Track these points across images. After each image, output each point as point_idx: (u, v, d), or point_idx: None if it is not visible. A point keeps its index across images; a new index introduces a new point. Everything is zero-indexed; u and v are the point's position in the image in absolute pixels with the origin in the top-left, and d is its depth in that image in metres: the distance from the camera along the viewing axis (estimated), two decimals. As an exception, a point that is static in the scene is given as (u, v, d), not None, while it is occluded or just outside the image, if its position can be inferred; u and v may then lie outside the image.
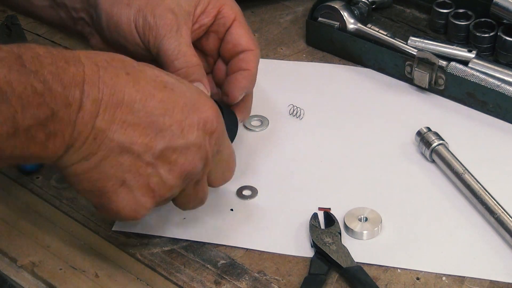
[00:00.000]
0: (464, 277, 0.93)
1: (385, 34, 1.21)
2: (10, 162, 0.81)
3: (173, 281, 0.94)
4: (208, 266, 0.95)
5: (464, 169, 1.02)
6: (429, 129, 1.06)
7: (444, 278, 0.93)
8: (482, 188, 0.99)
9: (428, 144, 1.05)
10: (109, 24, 0.96)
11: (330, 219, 0.97)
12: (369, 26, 1.22)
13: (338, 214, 0.99)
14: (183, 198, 0.90)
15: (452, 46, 1.18)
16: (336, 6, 1.23)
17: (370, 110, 1.16)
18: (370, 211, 0.99)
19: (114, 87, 0.81)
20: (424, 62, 1.15)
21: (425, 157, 1.06)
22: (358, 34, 1.22)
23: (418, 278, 0.93)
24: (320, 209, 1.00)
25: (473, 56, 1.15)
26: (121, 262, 0.96)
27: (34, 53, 0.77)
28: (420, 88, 1.17)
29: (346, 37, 1.22)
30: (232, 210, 1.01)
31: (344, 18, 1.22)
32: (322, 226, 0.98)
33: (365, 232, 0.97)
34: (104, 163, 0.82)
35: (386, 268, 0.94)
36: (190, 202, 0.91)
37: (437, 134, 1.06)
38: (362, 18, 1.26)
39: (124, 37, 0.96)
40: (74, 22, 1.01)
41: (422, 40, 1.19)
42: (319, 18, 1.24)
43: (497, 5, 1.18)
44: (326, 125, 1.13)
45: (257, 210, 1.01)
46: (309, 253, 0.96)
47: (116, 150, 0.82)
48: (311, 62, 1.24)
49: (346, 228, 0.97)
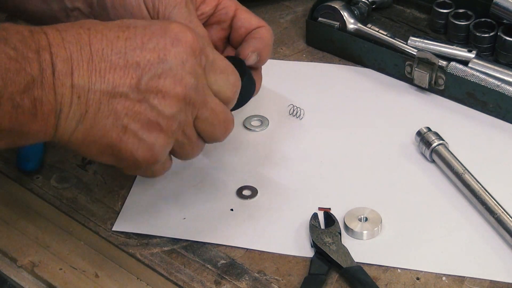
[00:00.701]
0: (464, 277, 0.93)
1: (385, 34, 1.21)
2: (8, 140, 0.81)
3: (173, 281, 0.94)
4: (208, 266, 0.95)
5: (464, 169, 1.02)
6: (429, 129, 1.07)
7: (444, 278, 0.93)
8: (482, 188, 0.99)
9: (428, 144, 1.05)
10: (114, 4, 0.96)
11: (330, 219, 0.97)
12: (369, 26, 1.22)
13: (338, 214, 0.99)
14: (203, 124, 0.89)
15: (452, 46, 1.18)
16: (336, 6, 1.23)
17: (370, 110, 1.16)
18: (370, 211, 0.99)
19: (79, 43, 0.82)
20: (424, 62, 1.15)
21: (425, 157, 1.06)
22: (358, 34, 1.22)
23: (418, 278, 0.93)
24: (320, 209, 1.00)
25: (473, 56, 1.15)
26: (121, 262, 0.96)
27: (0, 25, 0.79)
28: (420, 88, 1.17)
29: (346, 37, 1.22)
30: (232, 210, 1.01)
31: (344, 18, 1.22)
32: (322, 226, 0.98)
33: (365, 232, 0.97)
34: (98, 118, 0.83)
35: (386, 268, 0.94)
36: (213, 120, 0.90)
37: (437, 134, 1.06)
38: (362, 18, 1.26)
39: (131, 13, 0.96)
40: (67, 14, 1.01)
41: (422, 40, 1.19)
42: (319, 18, 1.24)
43: (497, 5, 1.18)
44: (326, 125, 1.13)
45: (257, 210, 1.01)
46: (309, 253, 0.96)
47: (103, 99, 0.82)
48: (311, 62, 1.24)
49: (346, 228, 0.97)
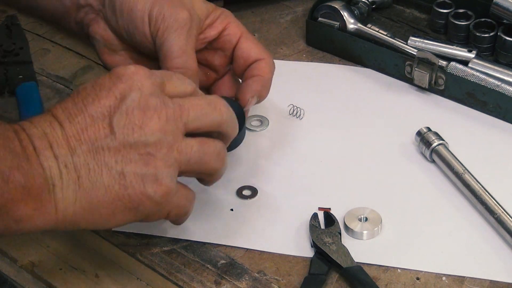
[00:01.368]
0: (464, 277, 0.93)
1: (385, 34, 1.21)
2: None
3: (173, 281, 0.94)
4: (208, 266, 0.95)
5: (464, 169, 1.02)
6: (429, 129, 1.06)
7: (444, 278, 0.93)
8: (482, 188, 0.99)
9: (428, 144, 1.05)
10: (123, 8, 0.97)
11: (330, 219, 0.97)
12: (369, 26, 1.22)
13: (338, 214, 0.99)
14: (191, 163, 0.87)
15: (452, 46, 1.18)
16: (336, 6, 1.23)
17: (370, 110, 1.16)
18: (370, 211, 0.99)
19: (47, 120, 0.83)
20: (424, 62, 1.15)
21: (425, 157, 1.06)
22: (358, 34, 1.22)
23: (418, 278, 0.93)
24: (320, 209, 1.00)
25: (473, 56, 1.15)
26: (121, 262, 0.96)
27: None
28: (420, 88, 1.17)
29: (346, 37, 1.22)
30: (232, 210, 1.01)
31: (344, 18, 1.22)
32: (322, 226, 0.98)
33: (365, 232, 0.97)
34: (93, 177, 0.83)
35: (386, 268, 0.94)
36: (205, 163, 0.88)
37: (437, 134, 1.06)
38: (362, 18, 1.26)
39: (134, 24, 0.97)
40: (78, 9, 1.02)
41: (422, 40, 1.19)
42: (319, 18, 1.25)
43: (497, 5, 1.18)
44: (326, 125, 1.13)
45: (257, 210, 1.01)
46: (309, 253, 0.96)
47: (89, 159, 0.83)
48: (311, 62, 1.24)
49: (346, 228, 0.97)
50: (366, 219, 0.98)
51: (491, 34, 1.20)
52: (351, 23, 1.22)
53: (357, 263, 0.93)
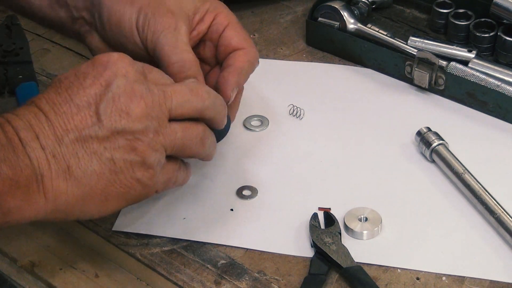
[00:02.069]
0: (464, 277, 0.93)
1: (385, 34, 1.21)
2: None
3: (173, 281, 0.94)
4: (208, 266, 0.95)
5: (464, 169, 1.02)
6: (429, 129, 1.06)
7: (444, 278, 0.93)
8: (482, 188, 0.99)
9: (428, 144, 1.05)
10: (111, 22, 0.97)
11: (330, 219, 0.97)
12: (369, 26, 1.22)
13: (338, 214, 0.99)
14: (177, 145, 0.89)
15: (452, 46, 1.18)
16: (336, 6, 1.23)
17: (370, 110, 1.16)
18: (370, 211, 0.99)
19: (32, 112, 0.83)
20: (424, 62, 1.15)
21: (425, 157, 1.06)
22: (358, 34, 1.22)
23: (418, 278, 0.93)
24: (320, 209, 1.00)
25: (473, 56, 1.15)
26: (121, 262, 0.96)
27: None
28: (420, 88, 1.17)
29: (346, 37, 1.22)
30: (232, 210, 1.01)
31: (344, 18, 1.22)
32: (322, 226, 0.97)
33: (365, 232, 0.97)
34: (83, 166, 0.83)
35: (386, 268, 0.94)
36: (188, 147, 0.90)
37: (437, 134, 1.06)
38: (362, 18, 1.26)
39: (124, 35, 0.97)
40: (73, 21, 1.02)
41: (422, 40, 1.19)
42: (319, 18, 1.25)
43: (497, 5, 1.18)
44: (326, 125, 1.13)
45: (257, 210, 1.01)
46: (309, 253, 0.96)
47: (78, 148, 0.83)
48: (311, 62, 1.24)
49: (346, 228, 0.97)
50: (366, 219, 0.98)
51: (491, 34, 1.20)
52: (351, 23, 1.22)
53: (357, 263, 0.93)
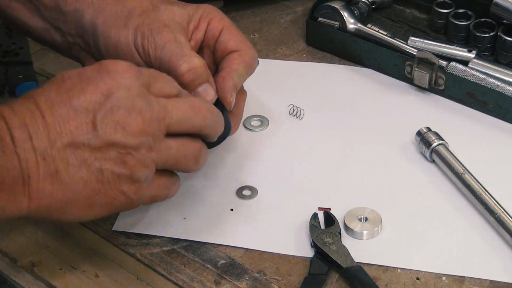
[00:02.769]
0: (464, 277, 0.93)
1: (385, 34, 1.21)
2: None
3: (173, 281, 0.94)
4: (208, 266, 0.95)
5: (464, 169, 1.02)
6: (429, 129, 1.07)
7: (444, 278, 0.93)
8: (482, 188, 0.99)
9: (428, 144, 1.05)
10: (108, 46, 0.97)
11: (330, 219, 0.97)
12: (369, 26, 1.22)
13: (338, 214, 0.99)
14: (169, 162, 0.89)
15: (452, 46, 1.18)
16: (336, 6, 1.23)
17: (370, 110, 1.16)
18: (370, 211, 0.99)
19: (29, 109, 0.82)
20: (424, 62, 1.15)
21: (425, 157, 1.06)
22: (358, 34, 1.22)
23: (418, 278, 0.93)
24: (320, 209, 1.00)
25: (473, 56, 1.15)
26: (121, 262, 0.96)
27: None
28: (420, 88, 1.17)
29: (346, 37, 1.22)
30: (232, 210, 1.01)
31: (344, 18, 1.22)
32: (322, 226, 0.98)
33: (365, 232, 0.97)
34: (71, 172, 0.83)
35: (386, 268, 0.94)
36: (181, 164, 0.90)
37: (437, 134, 1.06)
38: (362, 18, 1.26)
39: (124, 57, 0.96)
40: (69, 47, 1.02)
41: (422, 40, 1.19)
42: (319, 18, 1.25)
43: (497, 5, 1.18)
44: (326, 125, 1.13)
45: (257, 210, 1.01)
46: (309, 253, 0.96)
47: (69, 153, 0.82)
48: (311, 62, 1.24)
49: (346, 228, 0.97)
50: (366, 219, 0.98)
51: (491, 34, 1.20)
52: (351, 23, 1.22)
53: (357, 263, 0.93)
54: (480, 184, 1.00)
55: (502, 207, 0.97)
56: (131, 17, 0.96)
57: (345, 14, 1.22)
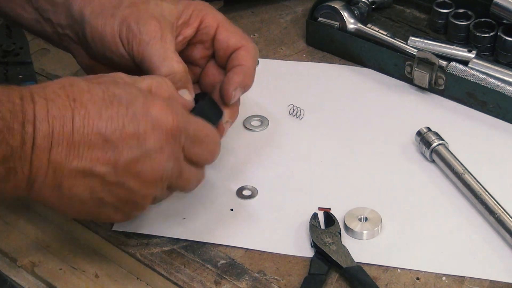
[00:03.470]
0: (464, 277, 0.93)
1: (385, 34, 1.21)
2: None
3: (173, 281, 0.94)
4: (208, 266, 0.95)
5: (464, 169, 1.02)
6: (429, 129, 1.07)
7: (444, 278, 0.93)
8: (482, 188, 0.99)
9: (428, 144, 1.05)
10: (94, 37, 0.96)
11: (330, 219, 0.97)
12: (369, 26, 1.22)
13: (338, 214, 0.99)
14: (177, 188, 0.91)
15: (452, 46, 1.18)
16: (336, 6, 1.23)
17: (370, 110, 1.16)
18: (370, 211, 0.99)
19: (63, 119, 0.81)
20: (424, 62, 1.15)
21: (425, 157, 1.06)
22: (358, 34, 1.22)
23: (418, 278, 0.93)
24: (320, 209, 1.00)
25: (473, 56, 1.15)
26: (121, 262, 0.96)
27: None
28: (420, 88, 1.17)
29: (346, 37, 1.22)
30: (232, 210, 1.01)
31: (344, 18, 1.22)
32: (322, 226, 0.98)
33: (365, 232, 0.97)
34: (74, 191, 0.83)
35: (386, 268, 0.94)
36: (186, 187, 0.92)
37: (437, 134, 1.06)
38: (362, 18, 1.26)
39: (109, 48, 0.96)
40: (60, 38, 1.01)
41: (422, 40, 1.19)
42: (319, 18, 1.25)
43: (497, 5, 1.18)
44: (326, 125, 1.13)
45: (257, 210, 1.01)
46: (309, 253, 0.96)
47: (79, 176, 0.83)
48: (311, 62, 1.24)
49: (346, 228, 0.97)
50: (366, 219, 0.98)
51: (491, 34, 1.20)
52: (351, 23, 1.22)
53: (357, 263, 0.93)
54: (480, 184, 1.00)
55: (502, 207, 0.97)
56: (119, 8, 0.96)
57: (345, 14, 1.22)
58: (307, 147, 1.10)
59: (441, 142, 1.05)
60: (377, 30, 1.21)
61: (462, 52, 1.16)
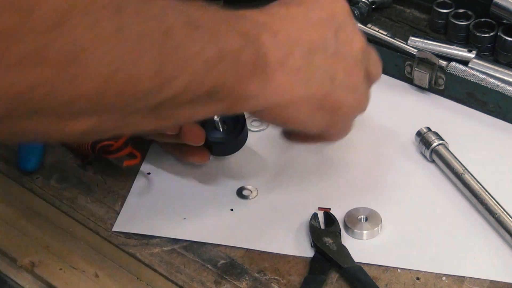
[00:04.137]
0: (464, 277, 0.93)
1: (385, 34, 1.21)
2: (224, 105, 0.81)
3: (173, 281, 0.94)
4: (208, 266, 0.95)
5: (464, 169, 1.02)
6: (429, 129, 1.06)
7: (444, 278, 0.93)
8: (482, 188, 0.99)
9: (428, 144, 1.05)
10: None
11: (330, 219, 0.97)
12: (369, 26, 1.22)
13: (338, 214, 0.99)
14: (370, 74, 0.94)
15: (452, 46, 1.18)
16: (336, 6, 1.23)
17: (370, 110, 1.15)
18: (370, 211, 0.99)
19: (281, 17, 0.86)
20: (424, 62, 1.15)
21: (425, 157, 1.06)
22: (358, 34, 1.22)
23: (418, 278, 0.93)
24: (320, 209, 1.00)
25: (473, 56, 1.15)
26: (121, 262, 0.96)
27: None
28: (420, 88, 1.17)
29: (346, 37, 1.22)
30: (232, 210, 1.01)
31: (344, 18, 1.22)
32: (322, 226, 0.98)
33: (365, 232, 0.97)
34: (310, 72, 0.85)
35: (386, 268, 0.94)
36: (377, 73, 0.96)
37: (437, 134, 1.06)
38: (362, 18, 1.26)
39: None
40: None
41: (422, 40, 1.19)
42: (319, 18, 1.24)
43: (497, 5, 1.18)
44: (326, 125, 1.13)
45: (257, 210, 1.01)
46: (309, 253, 0.96)
47: (307, 56, 0.85)
48: (311, 62, 1.24)
49: (346, 228, 0.97)
50: (366, 219, 0.98)
51: (491, 34, 1.20)
52: (351, 23, 1.22)
53: (357, 263, 0.93)
54: (480, 184, 1.00)
55: (502, 207, 0.97)
56: None
57: (345, 14, 1.22)
58: (307, 147, 1.09)
59: (441, 142, 1.05)
60: (377, 30, 1.21)
61: (462, 52, 1.16)
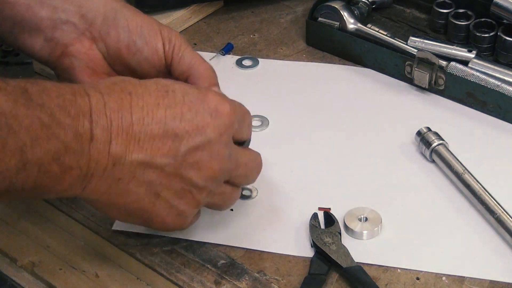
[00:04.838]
0: (464, 277, 0.93)
1: (385, 34, 1.21)
2: (25, 195, 0.80)
3: (173, 281, 0.94)
4: (208, 266, 0.95)
5: (464, 169, 1.02)
6: (429, 129, 1.07)
7: (444, 278, 0.93)
8: (482, 188, 0.99)
9: (428, 144, 1.05)
10: (128, 25, 0.96)
11: (330, 219, 0.97)
12: (369, 26, 1.22)
13: (338, 214, 0.99)
14: (236, 179, 0.91)
15: (452, 46, 1.18)
16: (336, 6, 1.23)
17: (370, 110, 1.16)
18: (370, 211, 0.99)
19: (121, 110, 0.81)
20: (424, 62, 1.15)
21: (425, 157, 1.06)
22: (358, 34, 1.22)
23: (418, 278, 0.93)
24: (320, 209, 1.00)
25: (473, 56, 1.15)
26: (121, 262, 0.96)
27: (41, 87, 0.78)
28: (420, 88, 1.17)
29: (346, 37, 1.22)
30: (232, 210, 1.01)
31: (344, 18, 1.22)
32: (322, 226, 0.98)
33: (365, 232, 0.97)
34: (132, 185, 0.83)
35: (386, 268, 0.94)
36: (248, 177, 0.93)
37: (437, 134, 1.06)
38: (362, 18, 1.26)
39: (145, 39, 0.96)
40: (54, 26, 0.97)
41: (422, 40, 1.19)
42: (319, 18, 1.25)
43: (497, 5, 1.18)
44: (326, 125, 1.13)
45: (257, 210, 1.01)
46: (309, 253, 0.96)
47: (139, 169, 0.82)
48: (311, 62, 1.24)
49: (346, 228, 0.97)
50: (366, 219, 0.98)
51: (491, 34, 1.20)
52: (351, 23, 1.22)
53: (357, 263, 0.93)
54: (480, 184, 1.00)
55: (502, 207, 0.97)
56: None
57: (345, 14, 1.22)
58: (307, 147, 1.10)
59: (441, 142, 1.05)
60: (377, 30, 1.21)
61: (462, 52, 1.16)
